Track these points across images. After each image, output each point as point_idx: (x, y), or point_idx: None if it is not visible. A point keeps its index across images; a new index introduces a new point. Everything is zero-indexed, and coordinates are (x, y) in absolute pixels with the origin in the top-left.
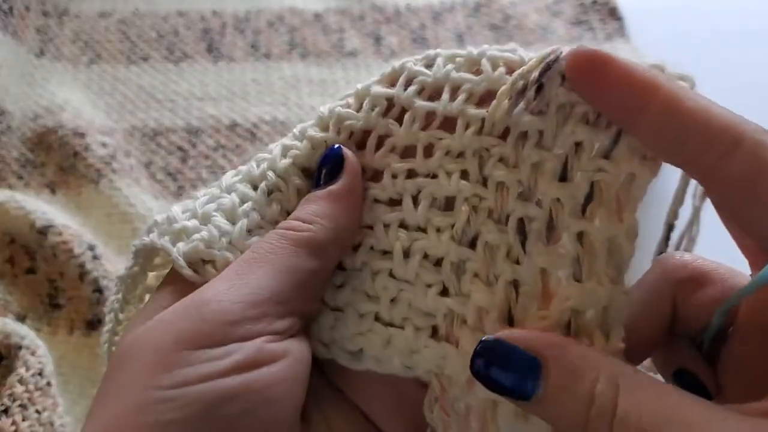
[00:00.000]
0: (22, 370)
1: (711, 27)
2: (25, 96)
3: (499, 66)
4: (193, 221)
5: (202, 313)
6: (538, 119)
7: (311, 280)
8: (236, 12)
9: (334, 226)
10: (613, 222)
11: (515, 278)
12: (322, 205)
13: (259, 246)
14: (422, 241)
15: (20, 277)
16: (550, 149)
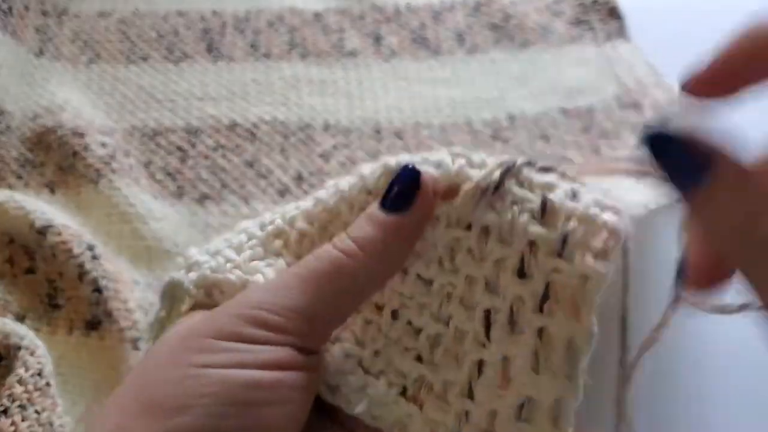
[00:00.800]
0: (21, 370)
1: (711, 27)
2: (24, 96)
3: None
4: (205, 256)
5: (245, 315)
6: (496, 215)
7: (345, 308)
8: (236, 12)
9: (381, 260)
10: (572, 322)
11: (480, 359)
12: (381, 234)
13: (310, 261)
14: (408, 310)
15: (19, 277)
16: (510, 244)
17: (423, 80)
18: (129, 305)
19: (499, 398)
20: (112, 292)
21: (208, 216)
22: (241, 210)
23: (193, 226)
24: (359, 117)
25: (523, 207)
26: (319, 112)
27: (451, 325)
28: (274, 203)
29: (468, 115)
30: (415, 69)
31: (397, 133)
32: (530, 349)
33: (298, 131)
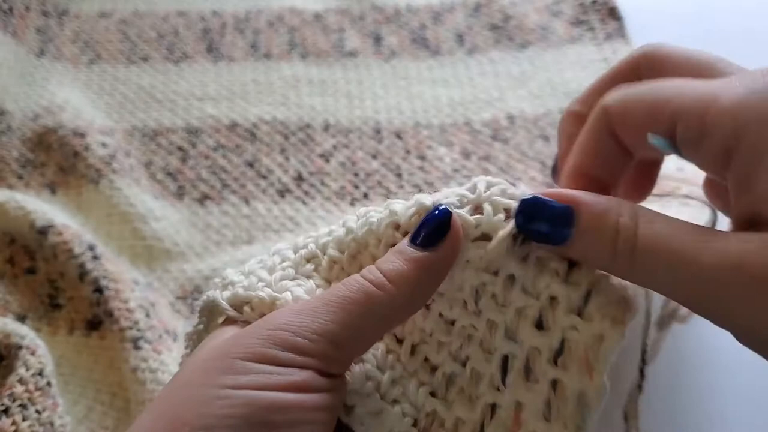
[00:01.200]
0: (22, 370)
1: (711, 27)
2: (25, 96)
3: (500, 212)
4: (239, 276)
5: (272, 336)
6: (523, 266)
7: (370, 336)
8: (236, 12)
9: (410, 295)
10: (584, 379)
11: (494, 402)
12: (411, 269)
13: (339, 289)
14: (427, 346)
15: (20, 277)
16: (532, 296)
17: (423, 80)
18: (129, 305)
19: None
20: (112, 292)
21: (208, 216)
22: (241, 210)
23: (193, 226)
24: (359, 117)
25: (548, 264)
26: (319, 112)
27: (468, 365)
28: (275, 203)
29: (468, 115)
30: (415, 69)
31: (396, 132)
32: (543, 398)
33: (298, 131)
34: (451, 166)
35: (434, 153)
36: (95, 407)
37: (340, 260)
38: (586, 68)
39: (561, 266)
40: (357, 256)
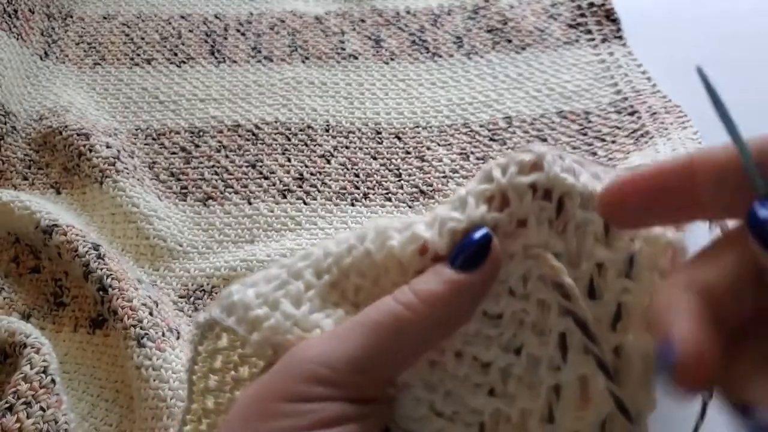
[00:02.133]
0: (26, 368)
1: (707, 30)
2: (29, 97)
3: (525, 193)
4: (264, 308)
5: (300, 372)
6: (563, 239)
7: (403, 359)
8: (238, 15)
9: (444, 317)
10: (647, 338)
11: (557, 383)
12: (446, 290)
13: (370, 313)
14: (472, 346)
15: (25, 276)
16: (579, 267)
17: (422, 82)
18: (133, 303)
19: (580, 419)
20: (116, 290)
21: (211, 215)
22: (243, 209)
23: (196, 226)
24: (359, 118)
25: (587, 230)
26: (320, 114)
27: (523, 353)
28: (276, 203)
29: (466, 116)
30: (415, 71)
31: (396, 133)
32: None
33: (300, 132)
34: (449, 167)
35: (433, 154)
36: (99, 404)
37: (365, 287)
38: (583, 70)
39: (599, 230)
40: (378, 282)
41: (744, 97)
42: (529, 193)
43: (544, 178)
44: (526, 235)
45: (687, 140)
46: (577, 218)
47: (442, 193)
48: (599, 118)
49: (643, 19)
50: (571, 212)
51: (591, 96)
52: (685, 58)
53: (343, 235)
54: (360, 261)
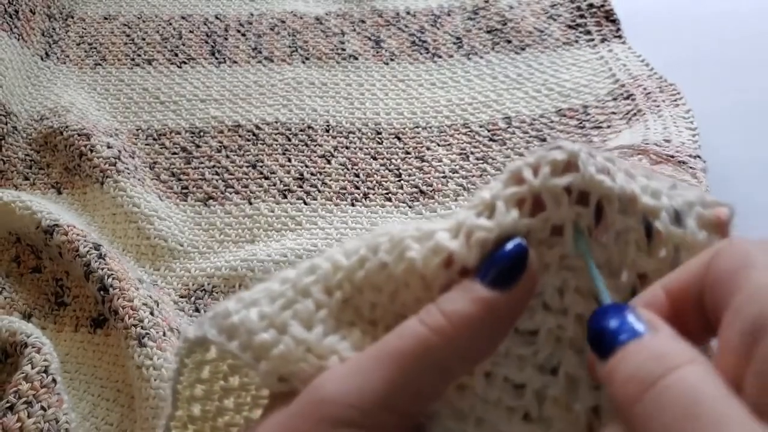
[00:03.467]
0: (27, 367)
1: (707, 31)
2: (30, 98)
3: (562, 198)
4: (271, 332)
5: (322, 415)
6: (602, 249)
7: (432, 389)
8: (239, 16)
9: (474, 338)
10: None
11: (596, 404)
12: (476, 310)
13: (391, 340)
14: (502, 367)
15: (26, 276)
16: (620, 277)
17: (422, 83)
18: (134, 303)
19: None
20: (117, 290)
21: (212, 215)
22: (244, 209)
23: (197, 226)
24: (360, 119)
25: (629, 237)
26: (321, 114)
27: (561, 372)
28: (277, 203)
29: (466, 117)
30: (414, 72)
31: (396, 134)
32: None
33: (300, 132)
34: (449, 167)
35: (433, 154)
36: (100, 404)
37: (381, 302)
38: (582, 68)
39: (641, 237)
40: (397, 297)
41: (744, 97)
42: (565, 196)
43: (580, 180)
44: (563, 243)
45: (678, 118)
46: (618, 225)
47: (442, 193)
48: (597, 109)
49: (643, 20)
50: (611, 218)
51: (590, 90)
52: (686, 59)
53: (351, 244)
54: (375, 274)
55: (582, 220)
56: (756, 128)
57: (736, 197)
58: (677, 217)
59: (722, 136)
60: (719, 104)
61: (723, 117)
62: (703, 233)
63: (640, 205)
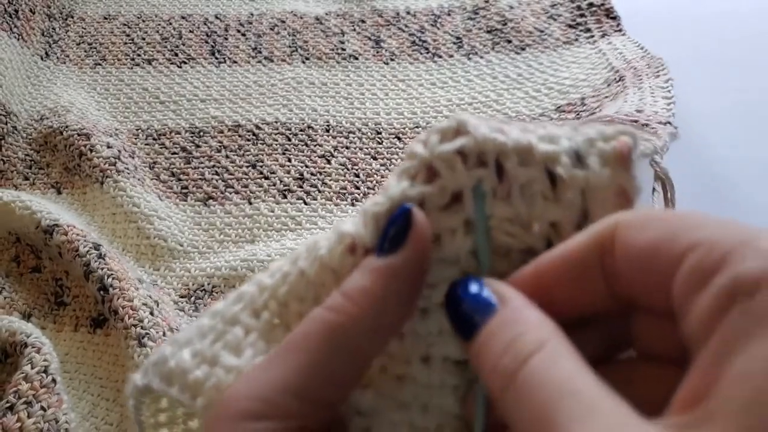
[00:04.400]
0: (27, 367)
1: (708, 31)
2: (30, 97)
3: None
4: (203, 368)
5: (230, 413)
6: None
7: (346, 373)
8: (239, 15)
9: (378, 310)
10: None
11: None
12: (373, 281)
13: (297, 331)
14: (441, 347)
15: (26, 276)
16: (530, 229)
17: (422, 82)
18: (134, 303)
19: None
20: (117, 290)
21: (211, 215)
22: (244, 209)
23: (197, 226)
24: (360, 119)
25: (533, 189)
26: (321, 114)
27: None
28: (277, 203)
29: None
30: (415, 71)
31: (396, 134)
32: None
33: (300, 132)
34: None
35: None
36: (100, 404)
37: (306, 310)
38: (581, 64)
39: (545, 186)
40: (319, 301)
41: (745, 97)
42: (459, 160)
43: (472, 141)
44: (464, 208)
45: (657, 88)
46: (520, 178)
47: None
48: (593, 98)
49: (643, 19)
50: (512, 173)
51: (588, 83)
52: (686, 58)
53: (276, 263)
54: (297, 285)
55: (485, 182)
56: (756, 128)
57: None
58: (578, 157)
59: (723, 136)
60: (720, 104)
61: (724, 116)
62: (606, 170)
63: (537, 154)
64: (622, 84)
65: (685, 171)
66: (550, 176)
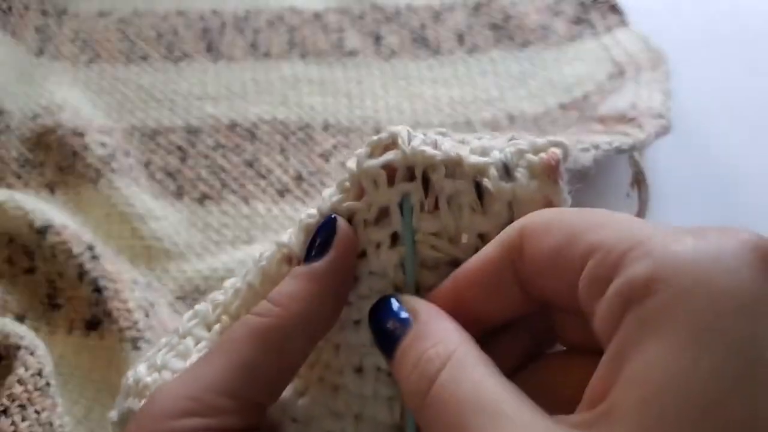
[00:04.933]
0: (21, 370)
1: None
2: (23, 95)
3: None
4: (153, 375)
5: (150, 412)
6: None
7: (269, 373)
8: (236, 11)
9: (303, 312)
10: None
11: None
12: (299, 285)
13: (226, 335)
14: (373, 357)
15: (19, 277)
16: (458, 241)
17: (423, 80)
18: (129, 305)
19: None
20: (111, 292)
21: (207, 215)
22: (241, 209)
23: (193, 226)
24: (359, 117)
25: (461, 201)
26: (319, 112)
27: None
28: (274, 203)
29: (468, 114)
30: (415, 69)
31: None
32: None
33: (298, 131)
34: None
35: None
36: (94, 407)
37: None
38: (585, 60)
39: (473, 198)
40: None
41: (749, 94)
42: (383, 176)
43: (400, 156)
44: (391, 222)
45: (654, 81)
46: (447, 190)
47: None
48: (596, 95)
49: (648, 15)
50: (438, 185)
51: (591, 79)
52: (689, 57)
53: (230, 280)
54: (246, 298)
55: (413, 195)
56: (756, 128)
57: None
58: (506, 170)
59: (727, 133)
60: (724, 100)
61: (728, 113)
62: (533, 182)
63: (466, 166)
64: (623, 78)
65: (687, 168)
66: (478, 189)
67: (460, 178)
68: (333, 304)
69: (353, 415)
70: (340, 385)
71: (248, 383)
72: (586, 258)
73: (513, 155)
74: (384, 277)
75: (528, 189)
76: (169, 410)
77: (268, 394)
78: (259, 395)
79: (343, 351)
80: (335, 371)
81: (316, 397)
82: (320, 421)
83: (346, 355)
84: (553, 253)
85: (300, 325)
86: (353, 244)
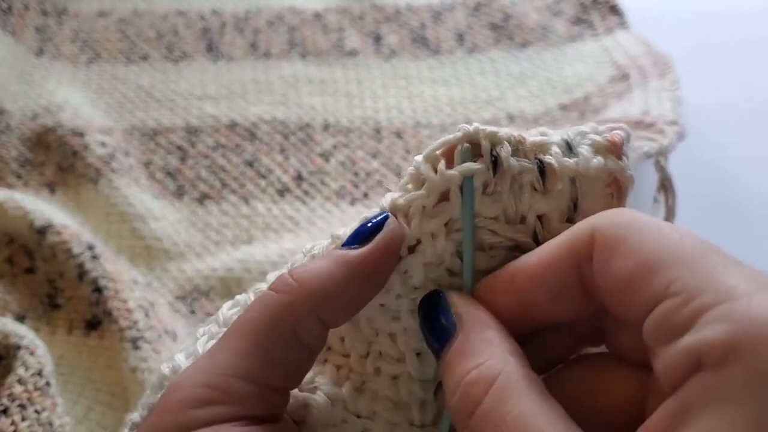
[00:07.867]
0: (21, 370)
1: (709, 31)
2: (24, 95)
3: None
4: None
5: (170, 402)
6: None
7: (285, 355)
8: (236, 11)
9: (318, 292)
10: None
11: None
12: (325, 264)
13: (242, 315)
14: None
15: (19, 277)
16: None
17: (423, 80)
18: (129, 305)
19: None
20: (111, 291)
21: (207, 215)
22: (240, 209)
23: (193, 226)
24: (359, 116)
25: (523, 180)
26: (319, 112)
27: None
28: (274, 203)
29: (468, 114)
30: (415, 68)
31: (396, 132)
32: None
33: (298, 131)
34: None
35: None
36: (94, 407)
37: None
38: (585, 61)
39: (535, 176)
40: None
41: (751, 95)
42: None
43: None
44: (448, 209)
45: (663, 90)
46: (512, 168)
47: None
48: (598, 98)
49: (648, 14)
50: (505, 163)
51: (592, 81)
52: (690, 56)
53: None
54: None
55: (477, 176)
56: (756, 127)
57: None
58: (569, 147)
59: (729, 134)
60: (726, 101)
61: (726, 115)
62: (597, 158)
63: (529, 144)
64: (628, 83)
65: (690, 170)
66: (540, 168)
67: (524, 156)
68: (352, 296)
69: (419, 401)
70: (399, 374)
71: (264, 366)
72: (660, 298)
73: (575, 134)
74: (439, 265)
75: (593, 165)
76: (190, 399)
77: (286, 378)
78: (277, 379)
79: (400, 338)
80: (393, 360)
81: (377, 390)
82: (384, 414)
83: (405, 340)
84: (626, 280)
85: (312, 304)
86: (396, 245)
